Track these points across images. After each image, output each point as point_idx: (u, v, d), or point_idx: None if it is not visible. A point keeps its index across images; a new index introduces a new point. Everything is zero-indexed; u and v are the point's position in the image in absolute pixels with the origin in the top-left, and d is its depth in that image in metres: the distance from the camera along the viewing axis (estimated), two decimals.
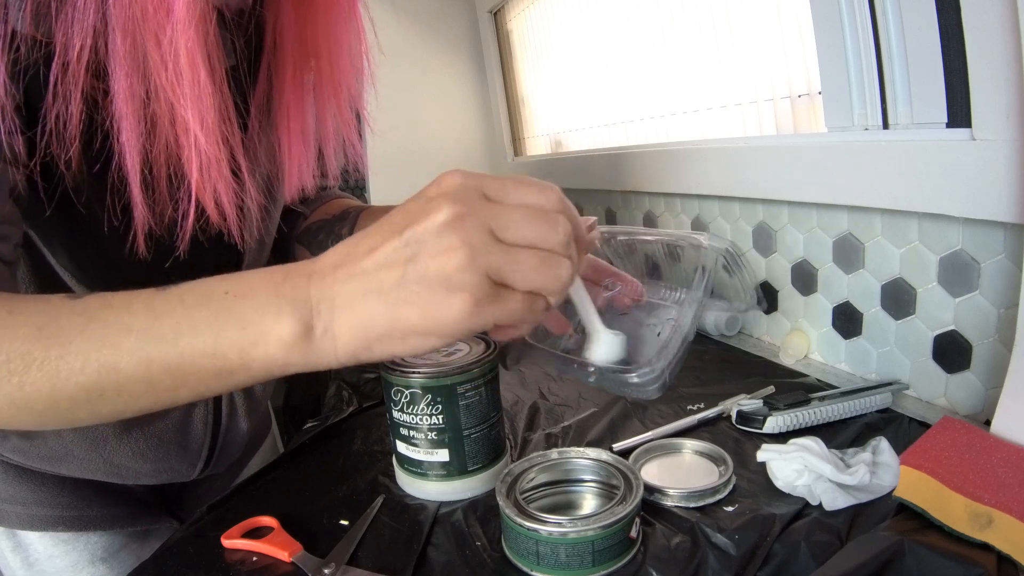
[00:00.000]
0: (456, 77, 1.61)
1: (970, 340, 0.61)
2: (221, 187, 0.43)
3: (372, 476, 0.59)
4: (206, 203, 0.43)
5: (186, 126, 0.40)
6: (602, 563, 0.43)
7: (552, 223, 0.34)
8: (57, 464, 0.56)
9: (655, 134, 1.13)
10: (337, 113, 0.55)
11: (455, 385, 0.51)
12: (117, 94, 0.39)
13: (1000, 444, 0.51)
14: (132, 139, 0.40)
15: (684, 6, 0.97)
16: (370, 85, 0.58)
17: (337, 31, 0.52)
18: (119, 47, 0.37)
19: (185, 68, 0.38)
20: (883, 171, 0.63)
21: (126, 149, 0.40)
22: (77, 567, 0.61)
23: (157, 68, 0.38)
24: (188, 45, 0.38)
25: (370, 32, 0.55)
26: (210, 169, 0.41)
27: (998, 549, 0.41)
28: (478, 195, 0.34)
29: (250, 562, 0.48)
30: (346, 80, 0.54)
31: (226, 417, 0.62)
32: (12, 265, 0.40)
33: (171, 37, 0.37)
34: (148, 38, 0.37)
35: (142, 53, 0.38)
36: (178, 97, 0.39)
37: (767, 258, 0.85)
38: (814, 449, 0.51)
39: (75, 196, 0.43)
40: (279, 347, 0.34)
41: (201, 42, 0.38)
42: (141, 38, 0.37)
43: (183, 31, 0.37)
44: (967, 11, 0.53)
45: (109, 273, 0.50)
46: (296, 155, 0.54)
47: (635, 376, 0.40)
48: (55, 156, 0.39)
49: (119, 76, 0.38)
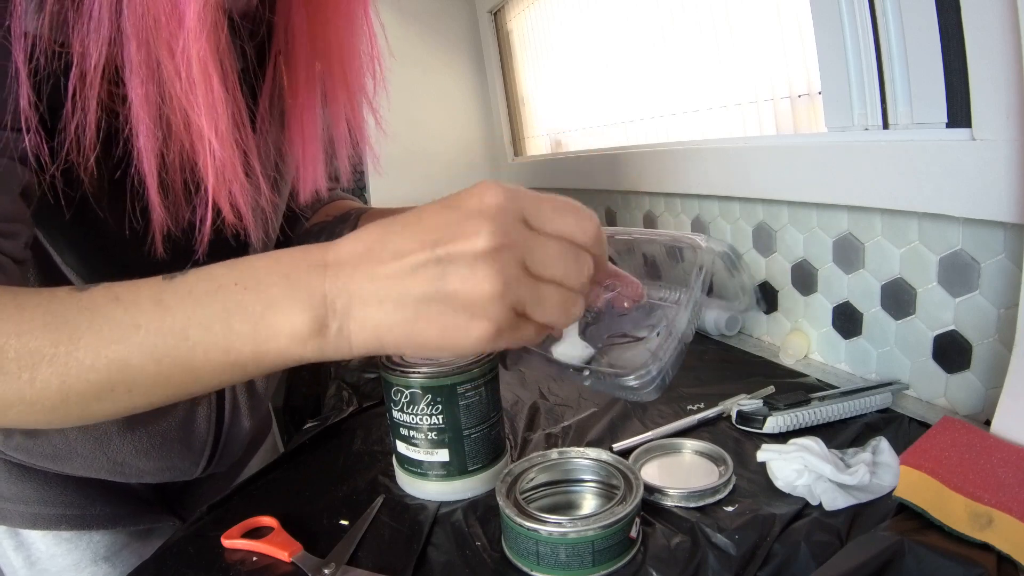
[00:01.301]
0: (456, 77, 1.61)
1: (970, 340, 0.61)
2: (236, 189, 0.43)
3: (372, 476, 0.59)
4: (222, 206, 0.43)
5: (201, 132, 0.40)
6: (602, 563, 0.43)
7: (580, 264, 0.34)
8: (60, 462, 0.57)
9: (655, 134, 1.13)
10: (351, 117, 0.55)
11: (455, 385, 0.51)
12: (133, 101, 0.39)
13: (1000, 444, 0.51)
14: (149, 144, 0.40)
15: (684, 6, 0.97)
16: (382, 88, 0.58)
17: (348, 34, 0.52)
18: (134, 56, 0.38)
19: (198, 77, 0.38)
20: (883, 171, 0.63)
21: (143, 154, 0.40)
22: (79, 566, 0.61)
23: (171, 77, 0.38)
24: (200, 54, 0.38)
25: (381, 36, 0.55)
26: (225, 173, 0.42)
27: (998, 549, 0.41)
28: (518, 221, 0.33)
29: (250, 562, 0.48)
30: (359, 83, 0.54)
31: (229, 415, 0.62)
32: (22, 264, 0.40)
33: (184, 46, 0.37)
34: (161, 47, 0.38)
35: (156, 61, 0.38)
36: (192, 105, 0.39)
37: (767, 258, 0.85)
38: (814, 449, 0.51)
39: (94, 201, 0.43)
40: (292, 342, 0.34)
41: (213, 50, 0.39)
42: (155, 47, 0.38)
43: (195, 40, 0.37)
44: (967, 11, 0.53)
45: (118, 275, 0.50)
46: (311, 158, 0.54)
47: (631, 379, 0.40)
48: (75, 164, 0.39)
49: (135, 84, 0.38)
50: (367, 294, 0.33)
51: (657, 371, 0.40)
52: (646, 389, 0.40)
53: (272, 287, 0.34)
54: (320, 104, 0.53)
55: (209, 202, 0.42)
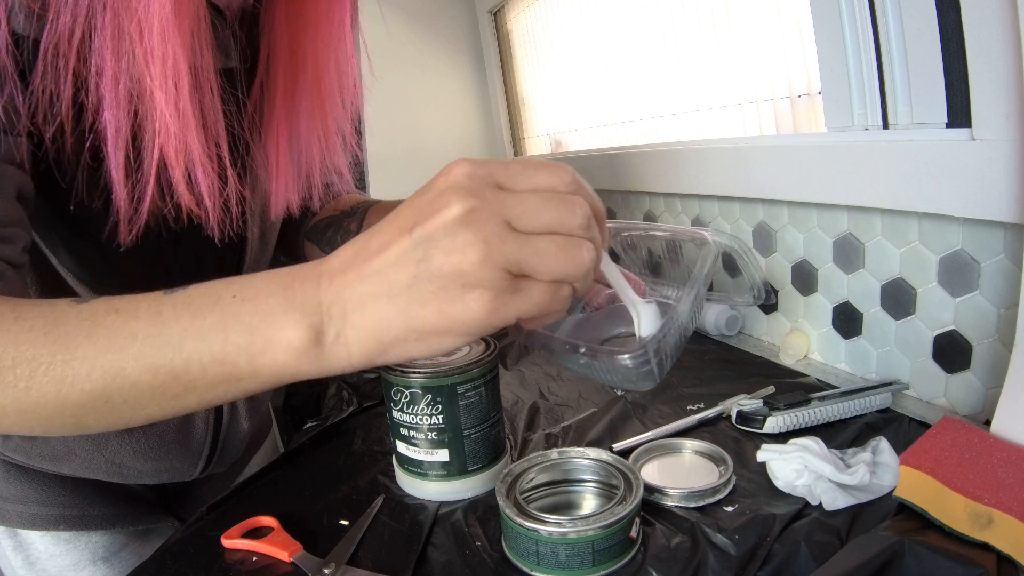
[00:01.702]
0: (456, 77, 1.61)
1: (970, 340, 0.61)
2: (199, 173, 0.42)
3: (372, 476, 0.59)
4: (178, 186, 0.41)
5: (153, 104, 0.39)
6: (602, 563, 0.43)
7: (569, 205, 0.32)
8: (59, 463, 0.57)
9: (655, 134, 1.13)
10: (323, 138, 0.55)
11: (455, 385, 0.51)
12: (102, 72, 0.38)
13: (1000, 444, 0.51)
14: (113, 119, 0.39)
15: (684, 6, 0.97)
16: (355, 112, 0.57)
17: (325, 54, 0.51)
18: (103, 22, 0.37)
19: (157, 43, 0.38)
20: (883, 171, 0.63)
21: (108, 128, 0.39)
22: (78, 566, 0.61)
23: (133, 42, 0.38)
24: (163, 23, 0.37)
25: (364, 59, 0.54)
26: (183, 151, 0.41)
27: (998, 549, 0.41)
28: (489, 184, 0.32)
29: (250, 562, 0.48)
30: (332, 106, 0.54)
31: (227, 417, 0.62)
32: (20, 269, 0.40)
33: (147, 10, 0.37)
34: (129, 14, 0.37)
35: (123, 28, 0.38)
36: (151, 76, 0.38)
37: (767, 258, 0.85)
38: (814, 449, 0.51)
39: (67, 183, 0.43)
40: (288, 354, 0.33)
41: (181, 23, 0.38)
42: (124, 14, 0.37)
43: (159, 9, 0.37)
44: (967, 11, 0.53)
45: (109, 271, 0.50)
46: (283, 173, 0.54)
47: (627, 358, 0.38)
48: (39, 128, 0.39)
49: (103, 53, 0.38)
50: (360, 294, 0.33)
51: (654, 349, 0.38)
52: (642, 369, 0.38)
53: (270, 298, 0.34)
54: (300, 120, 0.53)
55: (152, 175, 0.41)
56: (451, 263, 0.30)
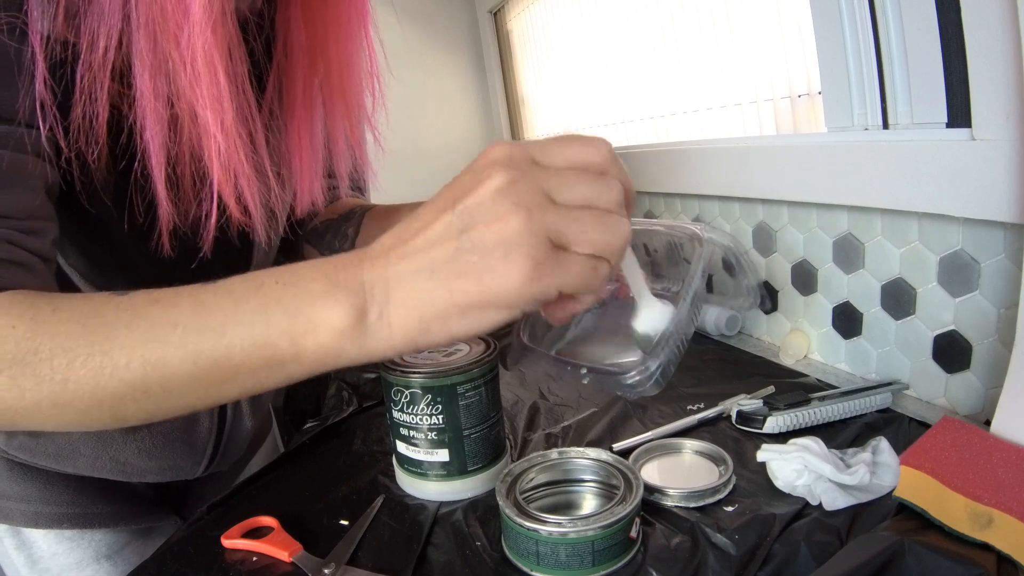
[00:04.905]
0: (456, 77, 1.61)
1: (970, 340, 0.61)
2: (244, 184, 0.43)
3: (372, 476, 0.59)
4: (228, 201, 0.42)
5: (206, 126, 0.40)
6: (602, 563, 0.43)
7: (607, 183, 0.33)
8: (63, 462, 0.57)
9: (655, 134, 1.13)
10: (349, 133, 0.55)
11: (455, 385, 0.51)
12: (141, 93, 0.39)
13: (1000, 444, 0.51)
14: (156, 137, 0.40)
15: (684, 6, 0.97)
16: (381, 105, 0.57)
17: (347, 51, 0.52)
18: (142, 47, 0.38)
19: (203, 69, 0.38)
20: (883, 171, 0.63)
21: (150, 147, 0.40)
22: (81, 564, 0.61)
23: (177, 69, 0.38)
24: (206, 47, 0.38)
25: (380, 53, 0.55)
26: (231, 167, 0.41)
27: (998, 549, 0.41)
28: (528, 160, 0.32)
29: (250, 562, 0.48)
30: (357, 100, 0.54)
31: (231, 415, 0.62)
32: (50, 263, 0.40)
33: (189, 38, 0.37)
34: (168, 39, 0.38)
35: (163, 53, 0.38)
36: (197, 98, 0.39)
37: (767, 258, 0.85)
38: (814, 449, 0.51)
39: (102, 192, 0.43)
40: (331, 335, 0.33)
41: (220, 44, 0.39)
42: (162, 39, 0.38)
43: (200, 32, 0.37)
44: (967, 11, 0.53)
45: (120, 272, 0.50)
46: (307, 170, 0.54)
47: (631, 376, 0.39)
48: (83, 153, 0.39)
49: (143, 76, 0.38)
50: (402, 272, 0.32)
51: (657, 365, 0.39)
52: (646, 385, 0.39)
53: (312, 282, 0.33)
54: (319, 119, 0.53)
55: (215, 196, 0.42)
56: (493, 232, 0.31)
